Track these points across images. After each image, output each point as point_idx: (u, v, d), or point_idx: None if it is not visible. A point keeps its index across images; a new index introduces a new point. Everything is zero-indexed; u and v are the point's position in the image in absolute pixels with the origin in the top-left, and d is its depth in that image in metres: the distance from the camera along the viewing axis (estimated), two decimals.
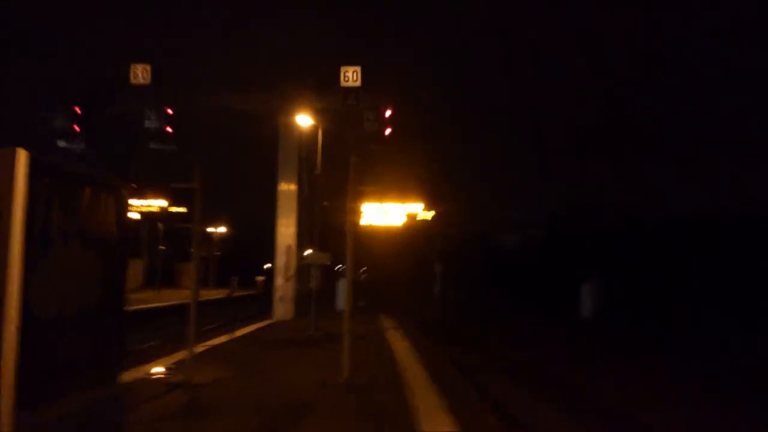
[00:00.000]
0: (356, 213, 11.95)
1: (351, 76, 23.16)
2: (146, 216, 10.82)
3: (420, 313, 31.79)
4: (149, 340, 19.46)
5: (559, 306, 37.06)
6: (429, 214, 15.82)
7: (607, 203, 45.00)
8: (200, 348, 15.20)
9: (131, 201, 12.00)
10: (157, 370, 12.26)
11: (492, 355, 19.51)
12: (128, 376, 11.83)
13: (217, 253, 66.59)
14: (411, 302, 38.92)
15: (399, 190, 14.37)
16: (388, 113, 22.03)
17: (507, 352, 20.82)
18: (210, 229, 65.51)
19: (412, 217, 14.25)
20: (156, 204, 10.74)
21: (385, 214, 13.95)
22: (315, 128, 23.86)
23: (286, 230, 27.44)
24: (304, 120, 23.59)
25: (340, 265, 37.11)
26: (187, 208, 10.47)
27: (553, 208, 49.11)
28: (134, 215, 10.78)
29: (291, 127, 26.13)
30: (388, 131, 21.80)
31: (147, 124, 21.23)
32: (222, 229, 67.09)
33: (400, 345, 17.68)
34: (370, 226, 14.16)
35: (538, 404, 12.30)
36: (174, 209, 10.60)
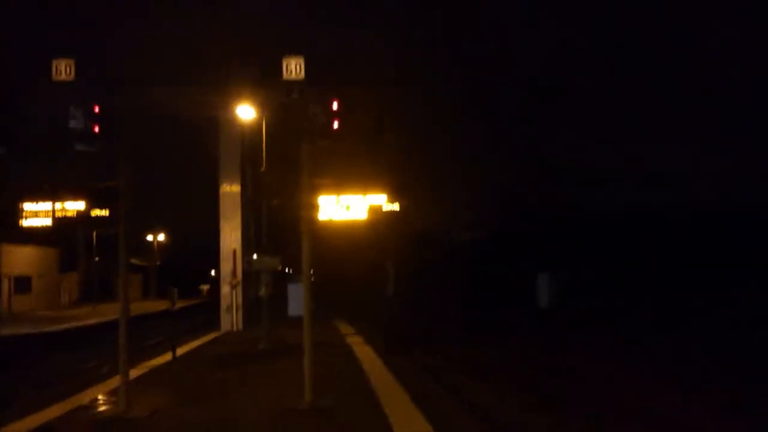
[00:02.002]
0: (312, 209, 10.48)
1: (294, 68, 21.40)
2: (61, 221, 9.11)
3: (376, 316, 30.47)
4: (84, 362, 17.70)
5: (515, 298, 36.36)
6: (395, 206, 14.46)
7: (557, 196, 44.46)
8: (138, 371, 13.48)
9: (41, 205, 10.36)
10: (87, 401, 10.54)
11: (457, 358, 18.35)
12: (52, 411, 10.13)
13: (158, 263, 63.66)
14: (365, 304, 37.61)
15: (359, 180, 12.97)
16: (335, 105, 20.52)
17: (471, 352, 19.75)
18: (148, 238, 62.67)
19: (375, 210, 12.81)
20: (73, 207, 9.03)
21: (347, 208, 12.49)
22: (258, 124, 22.27)
23: (230, 234, 25.78)
24: (246, 112, 21.84)
25: (288, 268, 35.46)
26: (110, 210, 8.80)
27: (505, 204, 48.14)
28: (45, 221, 9.07)
29: (232, 123, 24.42)
30: (336, 124, 20.31)
31: (72, 123, 19.23)
32: (161, 237, 64.17)
33: (363, 353, 16.23)
34: (330, 221, 12.69)
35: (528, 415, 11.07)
36: (97, 213, 8.93)
